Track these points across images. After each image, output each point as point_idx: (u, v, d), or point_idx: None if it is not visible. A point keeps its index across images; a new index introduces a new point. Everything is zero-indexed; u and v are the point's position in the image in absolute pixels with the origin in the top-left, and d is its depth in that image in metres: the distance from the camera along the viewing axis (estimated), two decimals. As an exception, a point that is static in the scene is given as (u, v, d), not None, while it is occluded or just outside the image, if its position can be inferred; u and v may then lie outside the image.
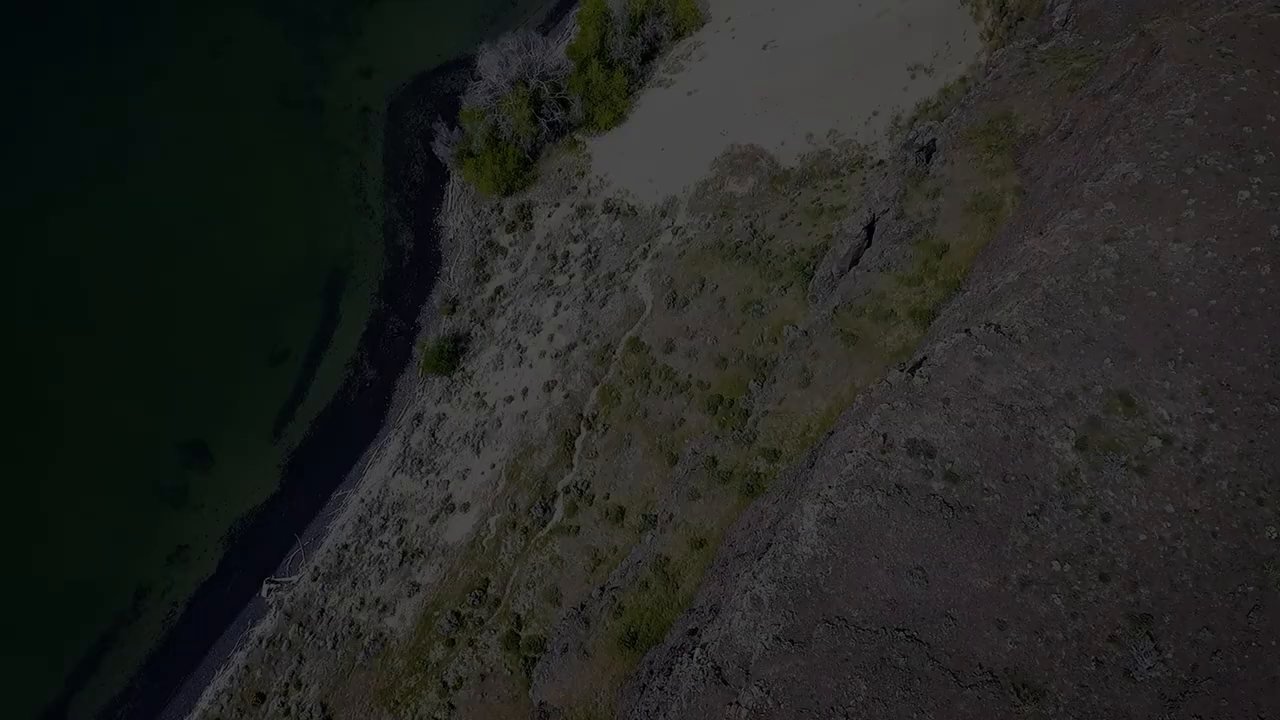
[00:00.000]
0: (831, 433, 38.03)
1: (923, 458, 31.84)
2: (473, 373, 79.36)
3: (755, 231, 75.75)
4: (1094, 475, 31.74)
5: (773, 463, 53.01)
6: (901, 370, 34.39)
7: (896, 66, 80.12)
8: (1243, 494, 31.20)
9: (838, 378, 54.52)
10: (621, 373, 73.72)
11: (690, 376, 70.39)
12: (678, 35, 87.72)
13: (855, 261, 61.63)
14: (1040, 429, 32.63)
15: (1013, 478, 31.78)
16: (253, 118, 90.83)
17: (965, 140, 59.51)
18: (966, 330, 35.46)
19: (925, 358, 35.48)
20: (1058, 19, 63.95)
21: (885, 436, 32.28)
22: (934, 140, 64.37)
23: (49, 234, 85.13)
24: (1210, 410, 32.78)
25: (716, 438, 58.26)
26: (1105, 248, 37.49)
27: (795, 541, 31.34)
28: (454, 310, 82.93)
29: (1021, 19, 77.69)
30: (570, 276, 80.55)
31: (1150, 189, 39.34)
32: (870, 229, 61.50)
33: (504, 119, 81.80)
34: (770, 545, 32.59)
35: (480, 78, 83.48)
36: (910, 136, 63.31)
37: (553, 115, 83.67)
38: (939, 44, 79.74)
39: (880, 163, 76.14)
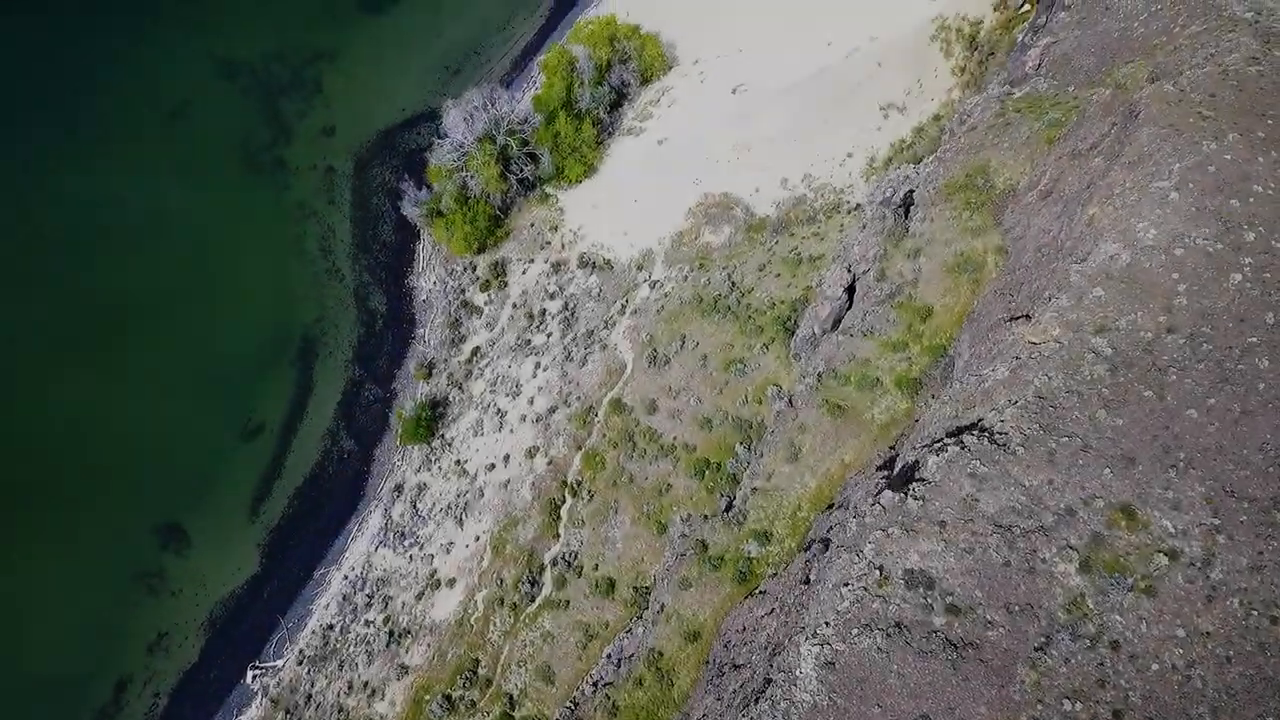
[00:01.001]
0: (826, 548, 36.56)
1: (922, 590, 30.43)
2: (452, 439, 77.57)
3: (734, 284, 74.38)
4: (1100, 600, 30.40)
5: (765, 546, 51.59)
6: (894, 490, 32.95)
7: (869, 106, 79.00)
8: (1255, 613, 29.91)
9: (825, 453, 53.15)
10: (605, 435, 72.13)
11: (675, 439, 68.94)
12: (645, 81, 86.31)
13: (837, 323, 60.32)
14: (1042, 551, 31.27)
15: (1016, 607, 30.41)
16: (215, 183, 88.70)
17: (944, 196, 58.31)
18: (960, 442, 34.10)
19: (918, 471, 34.09)
20: (1030, 63, 62.84)
21: (882, 569, 30.85)
22: (911, 193, 63.30)
23: (5, 316, 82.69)
24: (1216, 521, 31.51)
25: (706, 518, 56.83)
26: (1097, 340, 36.24)
27: (794, 687, 29.85)
28: (430, 374, 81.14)
29: (993, 54, 76.79)
30: (548, 335, 78.92)
31: (1139, 273, 38.14)
32: (850, 290, 60.22)
33: (472, 177, 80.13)
34: (768, 685, 31.09)
35: (445, 136, 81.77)
36: (887, 193, 62.13)
37: (522, 170, 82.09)
38: (910, 82, 78.68)
39: (857, 206, 75.01)
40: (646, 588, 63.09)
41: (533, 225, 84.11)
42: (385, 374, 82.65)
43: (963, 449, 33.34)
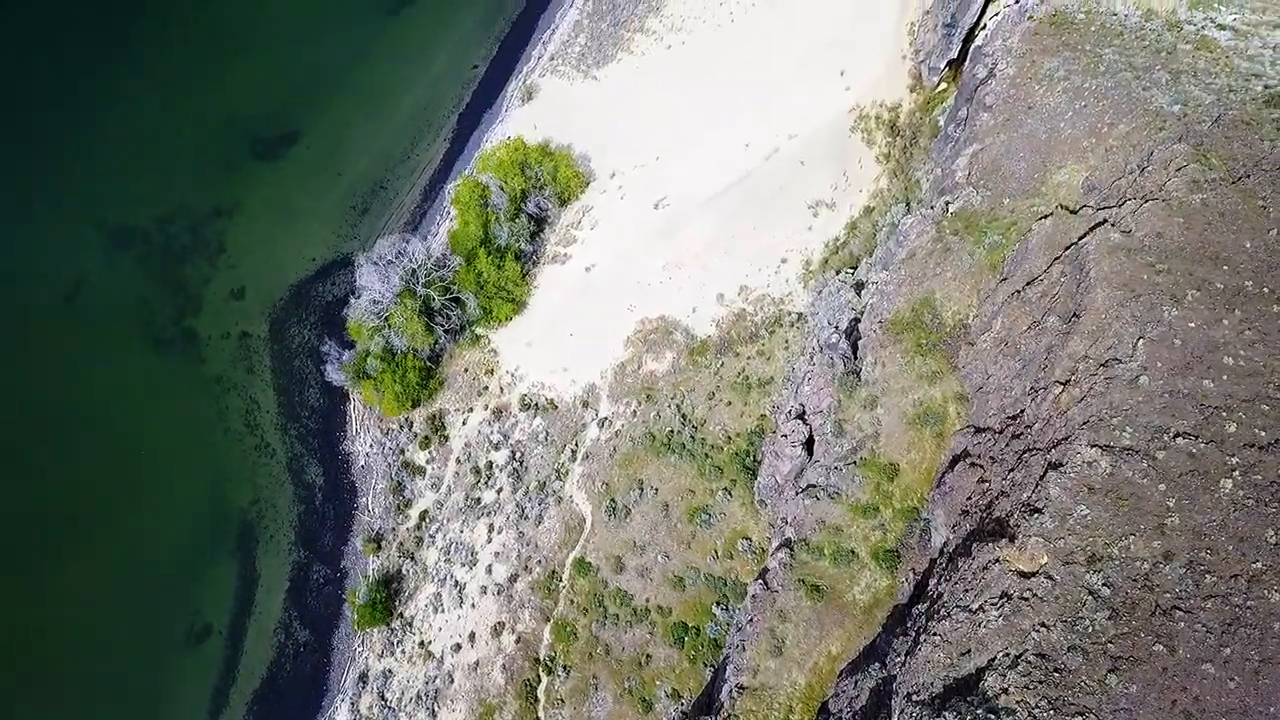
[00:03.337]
0: None
1: None
2: (412, 618, 72.99)
3: (685, 417, 70.98)
4: None
5: (760, 760, 47.99)
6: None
7: (797, 206, 76.12)
8: None
9: (811, 644, 49.69)
10: (573, 602, 68.16)
11: (648, 600, 65.38)
12: (564, 203, 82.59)
13: (799, 476, 57.09)
14: None
15: None
16: (123, 367, 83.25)
17: (892, 335, 55.33)
18: (960, 715, 30.80)
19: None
20: (960, 173, 60.17)
21: None
22: (856, 322, 60.35)
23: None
24: (1256, 802, 28.59)
25: (692, 723, 53.04)
26: (1092, 578, 33.21)
27: None
28: (380, 546, 76.46)
29: (915, 140, 74.38)
30: (498, 491, 74.72)
31: (1123, 484, 35.21)
32: (809, 444, 57.07)
33: (396, 334, 75.75)
34: None
35: (361, 294, 77.21)
36: (829, 332, 59.06)
37: (448, 319, 77.91)
38: (836, 176, 75.97)
39: (799, 316, 72.02)
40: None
41: (467, 371, 79.91)
42: (332, 552, 77.77)
43: (969, 740, 30.00)
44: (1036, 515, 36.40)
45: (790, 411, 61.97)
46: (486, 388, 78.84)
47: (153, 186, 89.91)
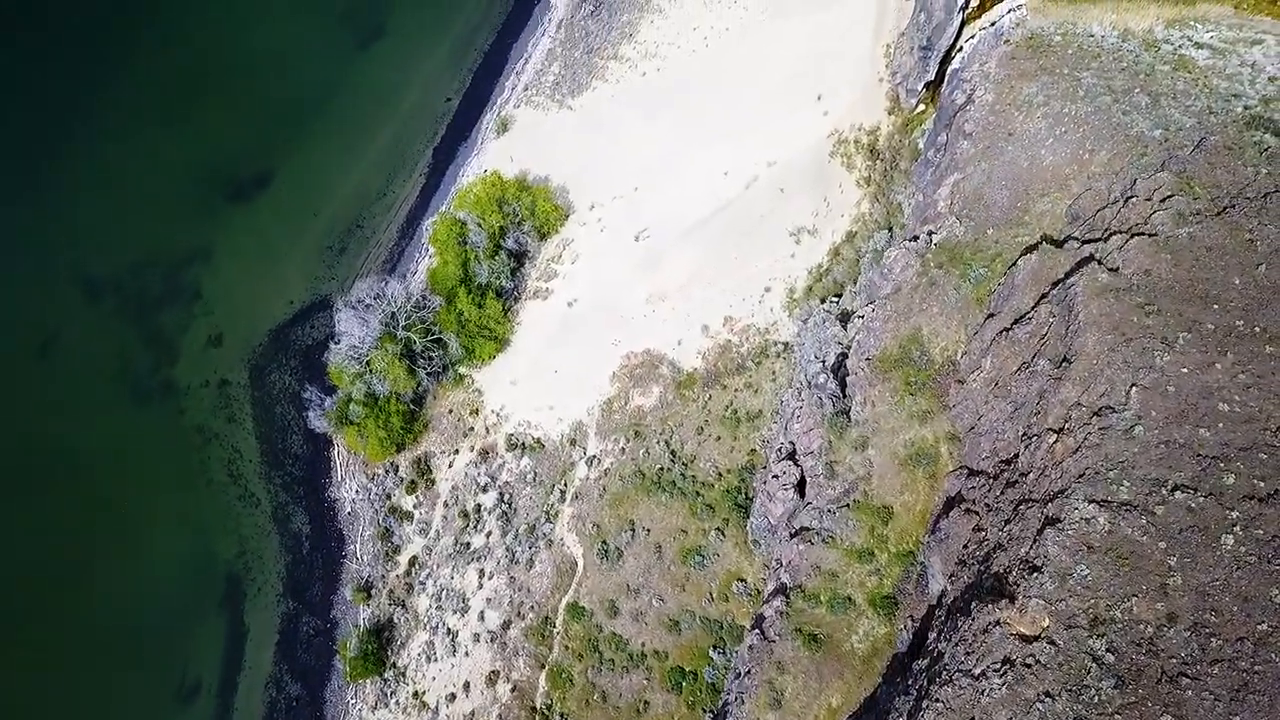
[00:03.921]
0: None
1: None
2: (405, 668, 71.79)
3: (674, 454, 70.11)
4: None
5: (765, 819, 47.10)
6: None
7: (779, 234, 75.35)
8: None
9: (810, 696, 48.82)
10: (567, 648, 67.12)
11: (644, 645, 64.47)
12: (543, 237, 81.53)
13: (791, 518, 56.24)
14: None
15: None
16: (102, 420, 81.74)
17: (880, 373, 54.56)
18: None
19: None
20: (942, 203, 59.50)
21: None
22: (843, 358, 59.58)
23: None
24: None
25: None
26: (1095, 644, 32.44)
27: None
28: (369, 595, 75.21)
29: (896, 163, 73.74)
30: (487, 535, 73.62)
31: (1122, 542, 34.46)
32: (801, 486, 56.24)
33: (377, 379, 74.57)
34: None
35: (340, 340, 76.00)
36: (813, 375, 58.28)
37: (430, 361, 76.79)
38: (817, 202, 75.24)
39: (786, 346, 71.17)
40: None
41: (451, 412, 78.80)
42: (321, 602, 76.51)
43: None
44: (1036, 575, 35.61)
45: (780, 450, 61.13)
46: (472, 428, 77.74)
47: (125, 233, 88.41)
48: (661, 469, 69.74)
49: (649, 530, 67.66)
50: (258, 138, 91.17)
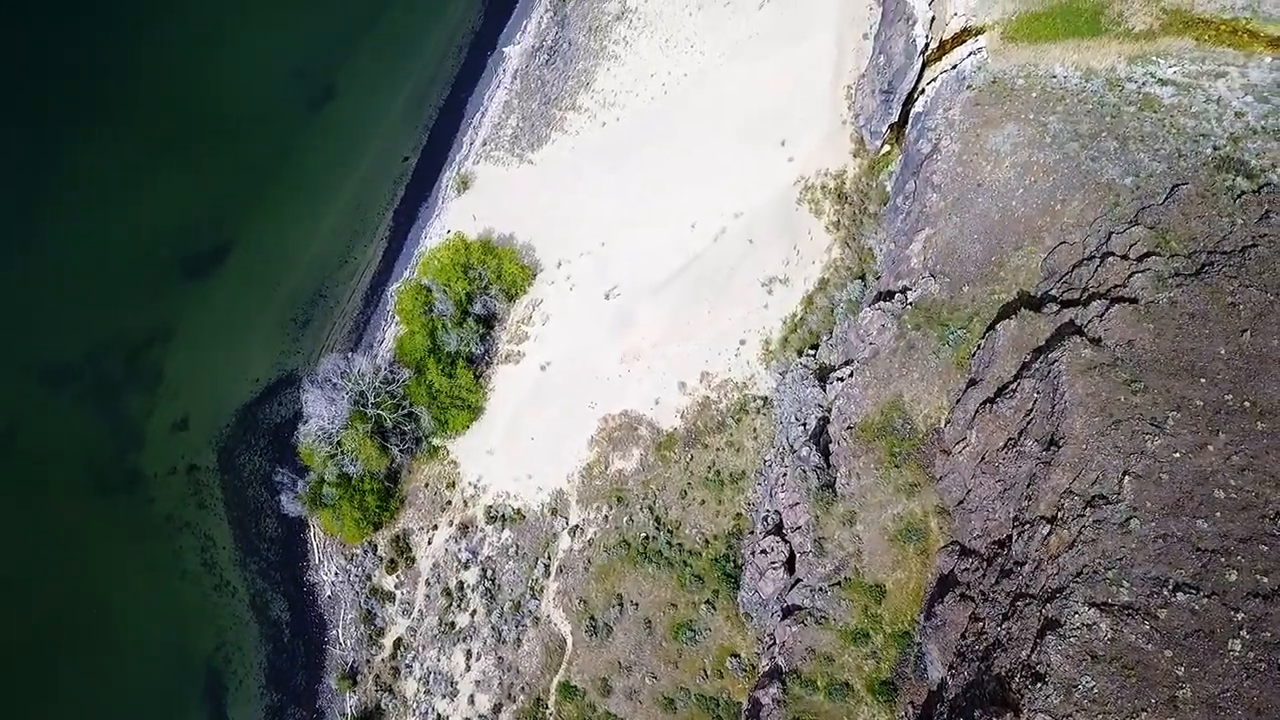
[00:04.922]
0: None
1: None
2: (397, 757, 69.88)
3: (659, 520, 68.49)
4: None
5: None
6: None
7: (750, 285, 73.93)
8: None
9: (814, 791, 47.42)
10: (562, 729, 65.46)
11: (639, 726, 62.76)
12: (511, 298, 79.63)
13: (782, 595, 54.76)
14: None
15: None
16: (66, 514, 79.14)
17: (863, 443, 53.23)
18: None
19: None
20: (915, 259, 58.27)
21: None
22: (824, 423, 58.21)
23: None
24: None
25: None
26: (1107, 767, 31.10)
27: None
28: (355, 681, 73.10)
29: (865, 206, 72.52)
30: (472, 613, 71.70)
31: (1127, 651, 33.15)
32: (790, 562, 54.81)
33: (349, 460, 72.54)
34: None
35: (309, 421, 73.87)
36: (794, 439, 56.92)
37: (403, 437, 74.80)
38: (787, 251, 73.91)
39: (765, 401, 69.66)
40: None
41: (428, 486, 76.82)
42: (306, 691, 74.30)
43: None
44: (1040, 685, 34.25)
45: (766, 519, 59.75)
46: (450, 502, 75.82)
47: (81, 316, 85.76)
48: (647, 537, 68.12)
49: (637, 604, 66.02)
50: (212, 209, 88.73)
